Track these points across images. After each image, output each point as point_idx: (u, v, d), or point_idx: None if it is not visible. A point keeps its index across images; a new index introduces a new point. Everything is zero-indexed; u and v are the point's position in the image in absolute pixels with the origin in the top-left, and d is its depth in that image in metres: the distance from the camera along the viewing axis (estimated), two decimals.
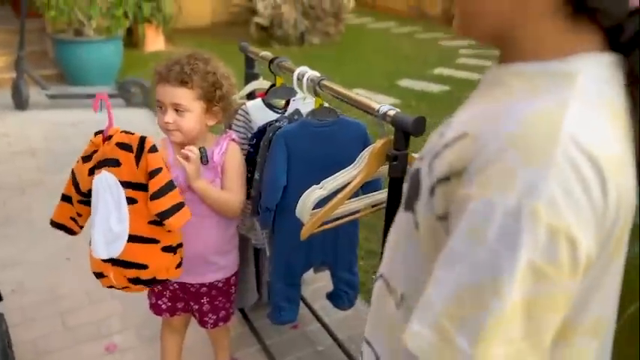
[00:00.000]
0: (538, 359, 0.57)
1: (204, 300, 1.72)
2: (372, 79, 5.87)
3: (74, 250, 2.82)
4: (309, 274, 2.04)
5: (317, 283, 2.47)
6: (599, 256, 0.59)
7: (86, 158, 1.55)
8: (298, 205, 1.39)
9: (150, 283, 1.57)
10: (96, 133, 1.54)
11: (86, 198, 1.57)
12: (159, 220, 1.47)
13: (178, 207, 1.47)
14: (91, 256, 1.55)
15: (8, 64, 5.47)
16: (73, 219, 1.64)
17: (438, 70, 6.42)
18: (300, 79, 1.69)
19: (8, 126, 4.50)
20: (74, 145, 4.12)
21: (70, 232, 1.66)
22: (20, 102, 4.79)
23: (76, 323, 2.30)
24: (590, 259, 0.56)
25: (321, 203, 1.43)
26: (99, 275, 1.57)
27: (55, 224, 1.65)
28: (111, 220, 1.48)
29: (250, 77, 2.13)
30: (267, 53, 1.97)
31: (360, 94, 1.50)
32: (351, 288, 1.95)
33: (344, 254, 1.87)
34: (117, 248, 1.50)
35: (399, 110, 1.36)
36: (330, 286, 2.00)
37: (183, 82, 1.50)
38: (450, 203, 0.60)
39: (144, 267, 1.52)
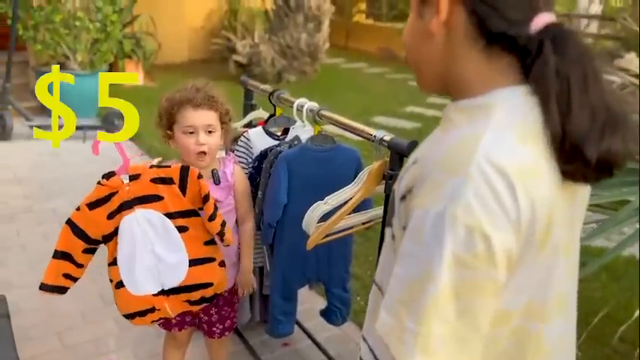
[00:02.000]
0: (476, 339, 0.70)
1: (213, 311, 1.84)
2: (348, 115, 6.10)
3: None
4: (300, 295, 2.18)
5: (307, 304, 2.60)
6: (525, 252, 0.71)
7: (97, 203, 1.56)
8: (305, 219, 1.55)
9: (212, 299, 1.67)
10: (104, 176, 1.56)
11: (95, 245, 1.61)
12: (220, 237, 1.59)
13: (224, 223, 1.61)
14: (129, 296, 1.58)
15: None
16: (66, 275, 1.62)
17: (409, 109, 6.73)
18: (299, 109, 1.88)
19: None
20: (58, 174, 4.21)
21: (63, 290, 1.64)
22: (4, 132, 4.84)
23: (74, 342, 2.37)
24: (510, 252, 0.68)
25: (325, 218, 1.59)
26: (143, 313, 1.61)
27: (47, 287, 1.62)
28: (158, 253, 1.55)
29: (249, 108, 2.31)
30: (266, 86, 2.16)
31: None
32: (343, 304, 2.09)
33: (337, 271, 2.03)
34: (178, 276, 1.58)
35: (393, 136, 1.55)
36: (319, 307, 2.14)
37: (211, 106, 1.67)
38: (407, 216, 0.74)
39: (209, 285, 1.62)
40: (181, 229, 1.56)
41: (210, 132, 1.67)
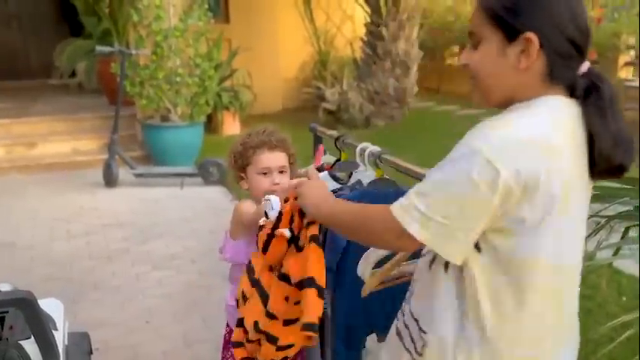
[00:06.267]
0: (460, 242, 1.01)
1: None
2: (436, 158, 6.00)
3: (154, 315, 3.04)
4: (374, 344, 2.11)
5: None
6: (543, 208, 0.99)
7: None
8: (360, 264, 1.52)
9: None
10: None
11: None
12: None
13: None
14: None
15: (101, 146, 6.09)
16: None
17: None
18: (362, 154, 1.88)
19: (99, 201, 4.96)
20: (156, 219, 4.48)
21: None
22: (110, 180, 5.28)
23: None
24: (509, 189, 0.97)
25: (381, 264, 1.56)
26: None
27: None
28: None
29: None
30: (333, 132, 2.19)
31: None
32: None
33: None
34: None
35: None
36: None
37: (284, 148, 1.78)
38: None
39: None
40: None
41: (281, 172, 1.76)
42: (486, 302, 1.05)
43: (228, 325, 1.84)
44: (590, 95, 1.05)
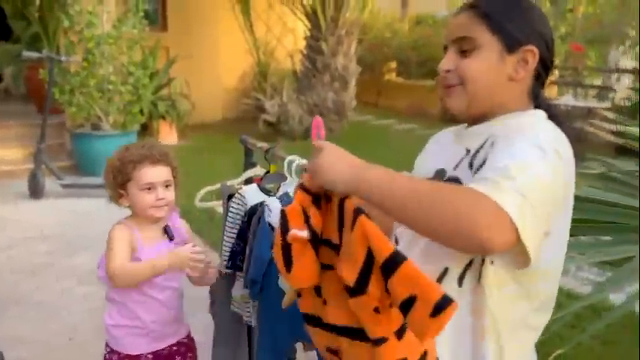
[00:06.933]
0: (541, 226, 0.94)
1: (179, 359, 1.82)
2: None
3: (78, 331, 2.92)
4: (301, 354, 2.12)
5: None
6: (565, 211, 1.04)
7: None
8: (281, 276, 1.53)
9: None
10: None
11: None
12: None
13: None
14: None
15: (26, 156, 5.82)
16: None
17: None
18: (289, 166, 1.90)
19: (22, 213, 4.72)
20: (83, 232, 4.31)
21: None
22: (36, 191, 5.05)
23: None
24: (563, 183, 0.99)
25: None
26: None
27: None
28: None
29: (249, 166, 2.34)
30: (263, 144, 2.19)
31: None
32: None
33: None
34: None
35: None
36: None
37: (167, 162, 1.70)
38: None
39: None
40: None
41: (167, 186, 1.70)
42: (500, 312, 1.03)
43: (107, 345, 1.78)
44: (554, 112, 1.12)
